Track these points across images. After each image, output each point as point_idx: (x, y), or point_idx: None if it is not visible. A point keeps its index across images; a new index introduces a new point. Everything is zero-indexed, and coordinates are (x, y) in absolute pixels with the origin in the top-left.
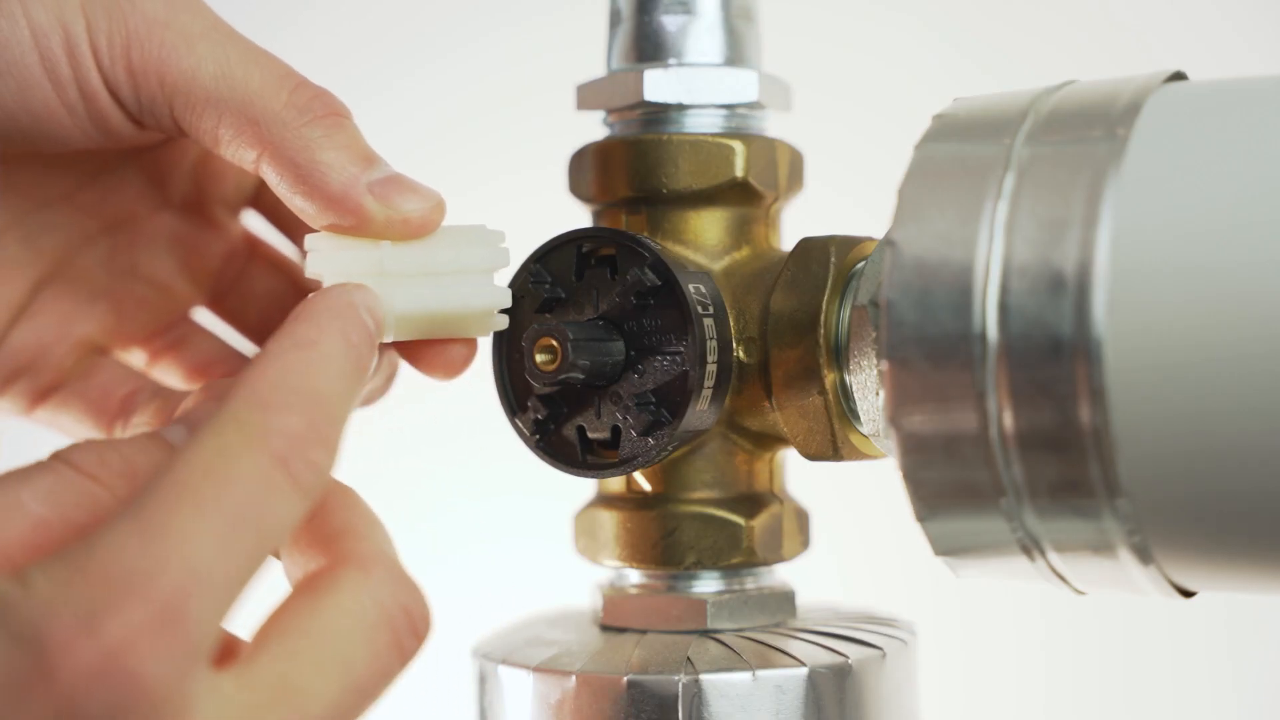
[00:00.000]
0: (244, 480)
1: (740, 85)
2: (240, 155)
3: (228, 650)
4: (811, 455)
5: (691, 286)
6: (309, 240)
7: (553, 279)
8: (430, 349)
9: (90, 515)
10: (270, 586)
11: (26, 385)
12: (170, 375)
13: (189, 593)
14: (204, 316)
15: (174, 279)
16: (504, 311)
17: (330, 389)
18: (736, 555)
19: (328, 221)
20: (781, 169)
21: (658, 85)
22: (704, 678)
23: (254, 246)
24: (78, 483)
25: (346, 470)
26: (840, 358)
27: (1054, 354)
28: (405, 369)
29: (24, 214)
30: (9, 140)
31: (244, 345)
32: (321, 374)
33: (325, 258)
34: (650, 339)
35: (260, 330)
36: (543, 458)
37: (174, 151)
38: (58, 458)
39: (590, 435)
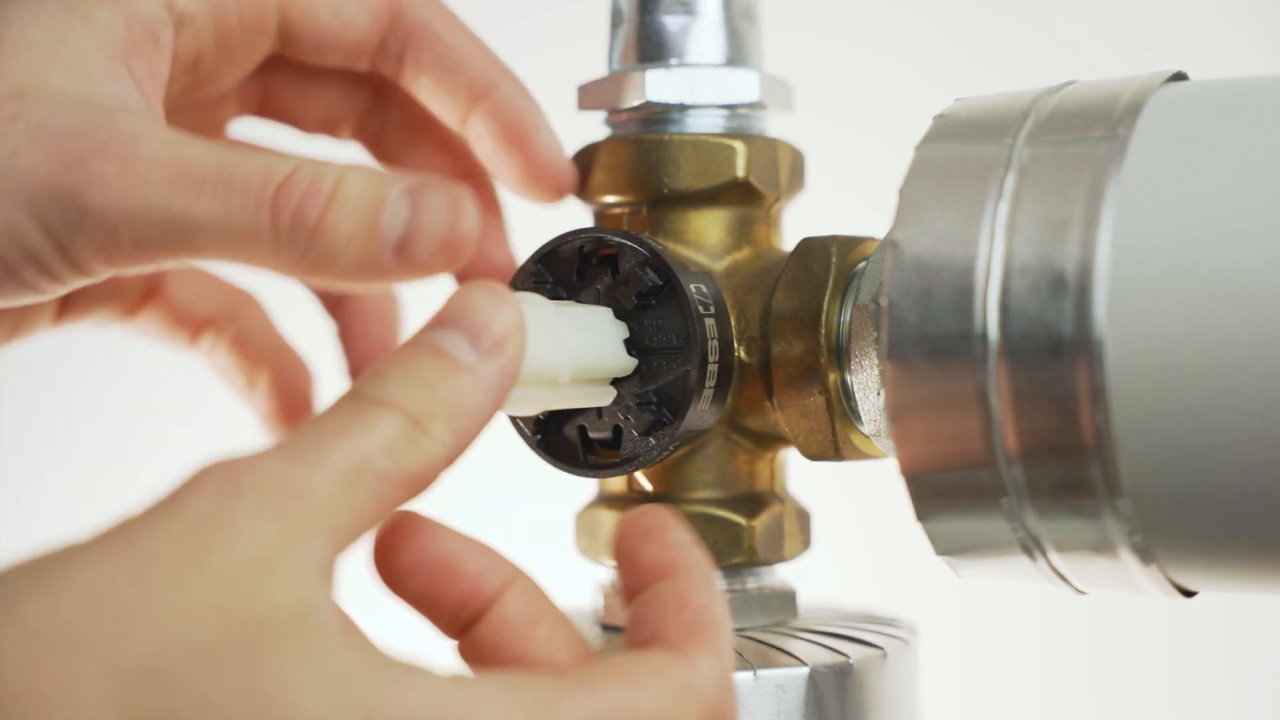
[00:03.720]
0: None
1: (741, 85)
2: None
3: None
4: (812, 455)
5: (693, 286)
6: None
7: (554, 279)
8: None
9: None
10: None
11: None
12: None
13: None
14: None
15: None
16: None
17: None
18: (737, 555)
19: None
20: (783, 169)
21: (659, 85)
22: None
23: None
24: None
25: None
26: (841, 357)
27: (1055, 354)
28: None
29: None
30: None
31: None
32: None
33: None
34: (651, 339)
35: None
36: (544, 458)
37: None
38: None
39: (591, 435)
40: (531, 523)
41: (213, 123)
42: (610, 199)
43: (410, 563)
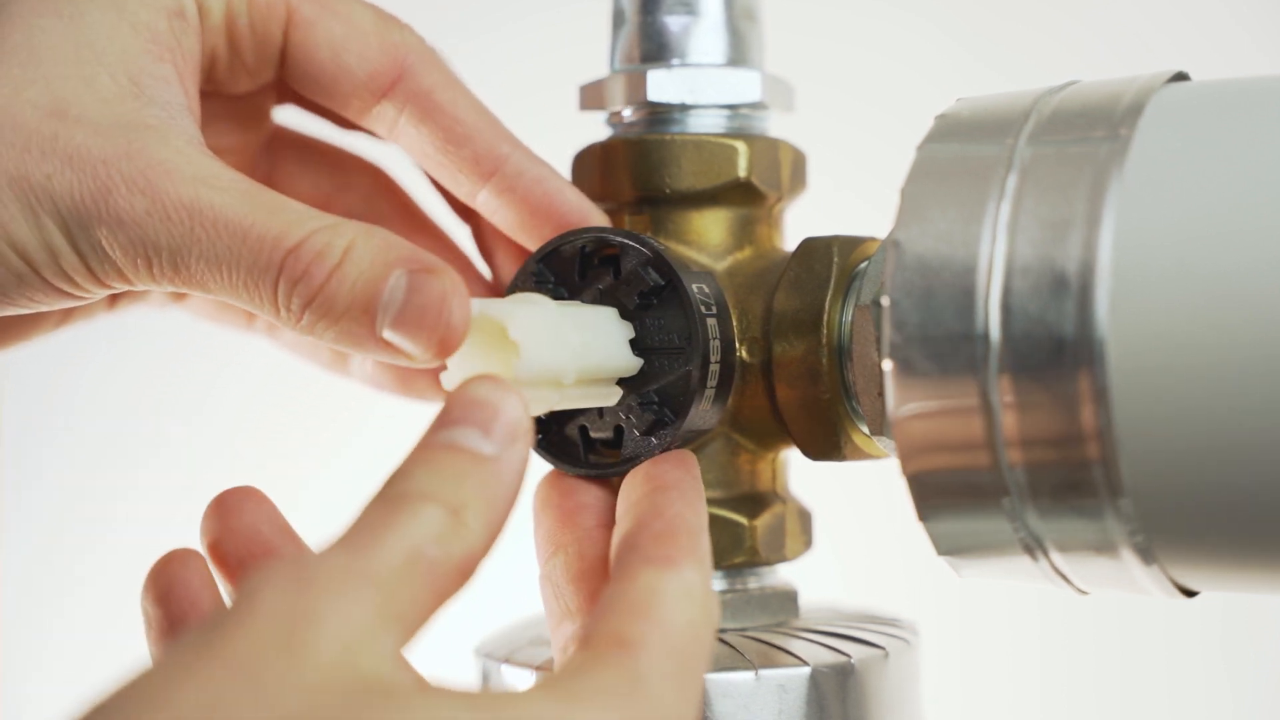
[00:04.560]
0: None
1: (743, 85)
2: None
3: None
4: (814, 455)
5: (695, 286)
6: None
7: (555, 278)
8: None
9: None
10: None
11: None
12: None
13: None
14: None
15: None
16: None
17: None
18: (739, 555)
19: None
20: (784, 169)
21: (661, 85)
22: (707, 677)
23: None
24: None
25: (347, 469)
26: (843, 357)
27: (1056, 354)
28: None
29: None
30: None
31: None
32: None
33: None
34: (653, 339)
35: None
36: (545, 457)
37: None
38: None
39: (593, 434)
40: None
41: (254, 110)
42: (612, 199)
43: None
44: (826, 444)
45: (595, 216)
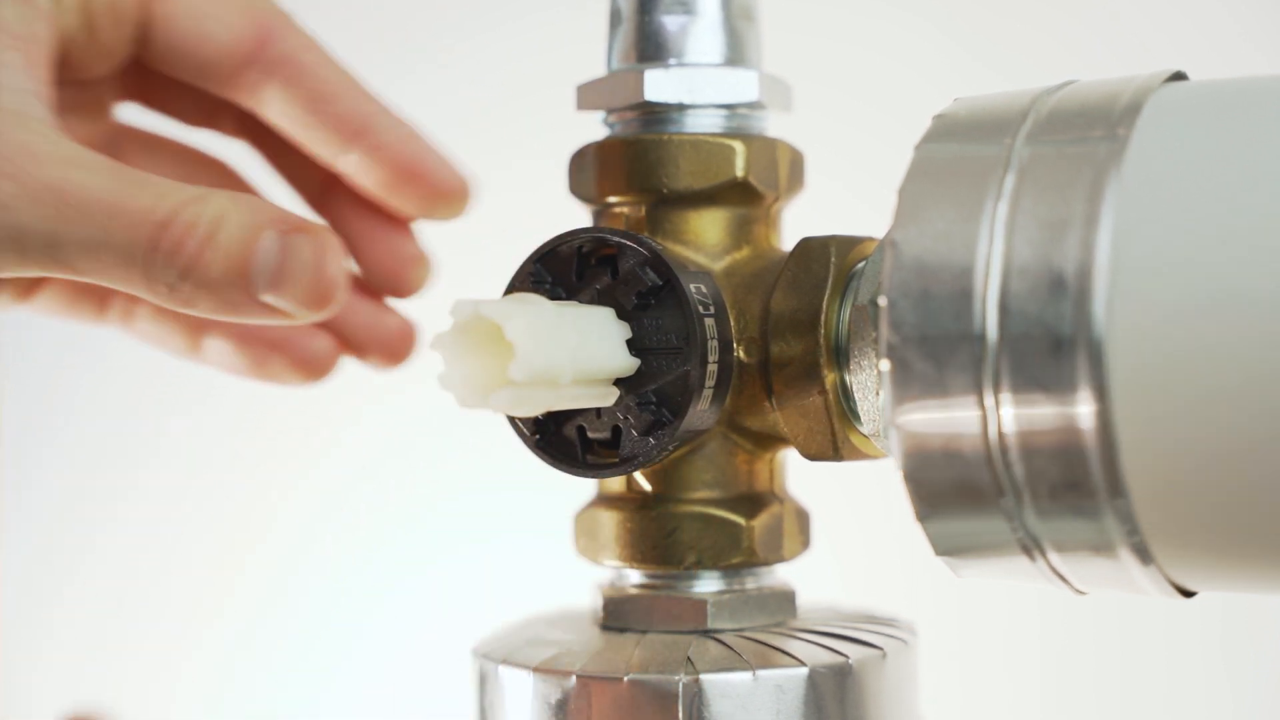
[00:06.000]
0: None
1: (741, 85)
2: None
3: None
4: (812, 455)
5: (692, 286)
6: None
7: (553, 279)
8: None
9: None
10: None
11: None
12: None
13: None
14: None
15: None
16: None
17: None
18: (737, 555)
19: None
20: (782, 169)
21: (658, 85)
22: (704, 678)
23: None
24: None
25: (346, 467)
26: (841, 357)
27: (1055, 354)
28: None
29: None
30: None
31: None
32: None
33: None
34: (651, 339)
35: None
36: (542, 457)
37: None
38: None
39: (590, 435)
40: (531, 522)
41: (96, 103)
42: (609, 199)
43: None
44: (824, 444)
45: (459, 183)
